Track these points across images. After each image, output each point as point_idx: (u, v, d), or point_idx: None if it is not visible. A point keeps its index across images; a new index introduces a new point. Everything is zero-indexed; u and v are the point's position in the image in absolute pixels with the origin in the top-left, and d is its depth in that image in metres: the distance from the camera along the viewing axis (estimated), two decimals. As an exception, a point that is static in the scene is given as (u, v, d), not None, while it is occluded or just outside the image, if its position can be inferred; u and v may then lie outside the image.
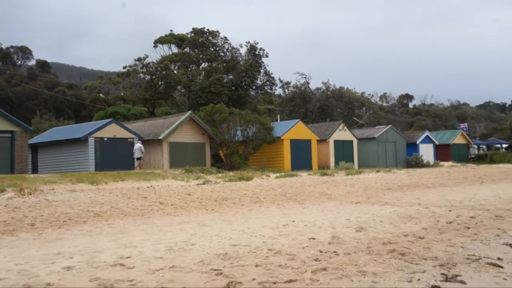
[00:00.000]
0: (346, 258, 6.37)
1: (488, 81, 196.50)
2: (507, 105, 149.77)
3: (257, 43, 51.90)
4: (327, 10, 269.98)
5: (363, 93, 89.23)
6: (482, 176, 26.89)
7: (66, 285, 5.25)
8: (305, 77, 64.34)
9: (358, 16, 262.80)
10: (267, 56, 52.22)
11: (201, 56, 54.46)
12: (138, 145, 29.62)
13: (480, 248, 7.02)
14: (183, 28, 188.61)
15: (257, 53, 51.74)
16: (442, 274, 5.53)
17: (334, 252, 6.79)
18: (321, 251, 6.85)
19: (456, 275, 5.47)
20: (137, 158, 29.53)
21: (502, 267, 5.90)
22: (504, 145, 66.09)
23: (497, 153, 55.06)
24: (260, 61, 51.76)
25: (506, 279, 5.35)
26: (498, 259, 6.31)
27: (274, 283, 5.19)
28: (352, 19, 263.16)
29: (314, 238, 7.94)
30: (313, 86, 68.62)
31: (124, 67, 54.17)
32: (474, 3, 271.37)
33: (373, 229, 8.87)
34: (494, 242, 7.51)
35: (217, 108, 33.21)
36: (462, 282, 5.25)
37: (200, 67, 54.69)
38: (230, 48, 53.85)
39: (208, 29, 54.45)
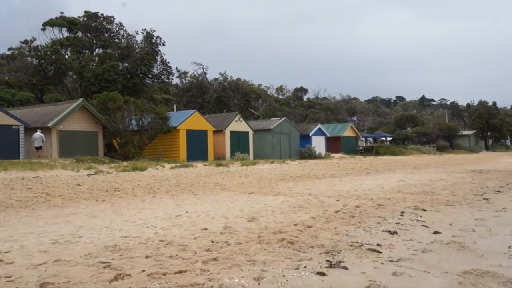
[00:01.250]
0: (237, 247, 6.46)
1: (376, 77, 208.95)
2: (392, 101, 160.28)
3: (154, 31, 50.83)
4: (226, 1, 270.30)
5: (259, 85, 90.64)
6: (368, 168, 28.52)
7: None
8: (202, 68, 64.21)
9: (256, 9, 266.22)
10: (164, 45, 51.31)
11: (94, 41, 52.21)
12: (38, 134, 28.02)
13: (363, 235, 7.44)
14: (75, 11, 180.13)
15: (153, 41, 50.62)
16: (327, 261, 5.78)
17: (226, 242, 6.85)
18: (213, 241, 6.89)
19: (340, 262, 5.75)
20: (37, 148, 27.87)
21: (380, 252, 6.30)
22: (388, 138, 70.55)
23: (382, 146, 58.66)
24: (156, 49, 50.70)
25: (383, 264, 5.72)
26: (378, 245, 6.73)
27: (164, 274, 5.14)
28: (251, 11, 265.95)
29: (206, 229, 7.97)
30: (210, 76, 68.67)
31: (9, 49, 50.66)
32: (368, 4, 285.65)
33: (265, 219, 9.06)
34: (375, 229, 7.99)
35: (111, 96, 32.11)
36: (345, 267, 5.53)
37: (94, 53, 52.46)
38: (125, 34, 52.15)
39: (102, 14, 52.35)
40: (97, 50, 53.06)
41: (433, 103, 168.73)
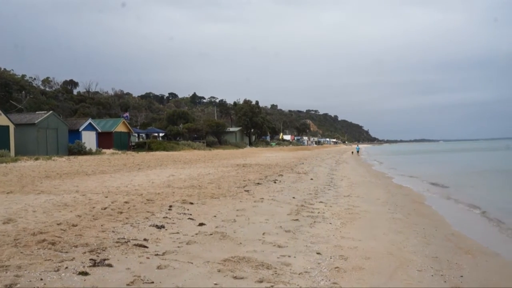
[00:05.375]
0: (-13, 254, 5.80)
1: (150, 73, 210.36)
2: (165, 97, 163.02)
3: None
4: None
5: (23, 75, 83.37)
6: (140, 163, 28.45)
7: None
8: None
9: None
10: None
11: None
12: None
13: (130, 231, 7.38)
14: None
15: None
16: (91, 259, 5.58)
17: (-27, 248, 6.11)
18: (-47, 250, 6.07)
19: (105, 259, 5.61)
20: None
21: (147, 247, 6.34)
22: (161, 134, 71.42)
23: (154, 142, 59.11)
24: None
25: (149, 258, 5.76)
26: (145, 240, 6.76)
27: None
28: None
29: None
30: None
31: None
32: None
33: (24, 219, 8.35)
34: (143, 224, 8.00)
35: None
36: (110, 265, 5.42)
37: None
38: None
39: None
40: None
41: (204, 100, 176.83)
